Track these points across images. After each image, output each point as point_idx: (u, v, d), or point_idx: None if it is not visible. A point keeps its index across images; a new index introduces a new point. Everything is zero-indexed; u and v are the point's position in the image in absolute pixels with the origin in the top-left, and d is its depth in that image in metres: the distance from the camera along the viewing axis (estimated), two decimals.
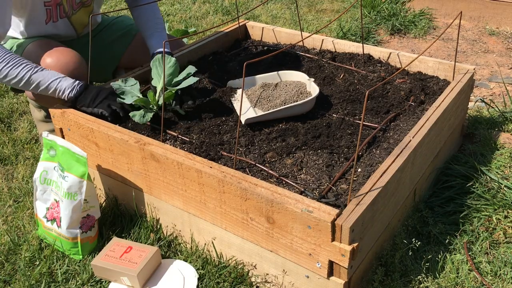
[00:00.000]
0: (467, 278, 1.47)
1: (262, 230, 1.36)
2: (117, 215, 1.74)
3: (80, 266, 1.57)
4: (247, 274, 1.49)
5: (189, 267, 1.52)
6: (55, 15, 1.81)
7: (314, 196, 1.36)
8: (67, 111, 1.70)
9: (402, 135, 1.61)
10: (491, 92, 2.64)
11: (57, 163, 1.58)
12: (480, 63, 2.97)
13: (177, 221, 1.60)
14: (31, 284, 1.50)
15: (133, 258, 1.48)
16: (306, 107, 1.73)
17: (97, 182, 1.78)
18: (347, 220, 1.20)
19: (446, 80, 1.96)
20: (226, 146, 1.59)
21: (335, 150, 1.56)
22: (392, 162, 1.41)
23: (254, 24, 2.44)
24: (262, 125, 1.69)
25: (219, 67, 2.12)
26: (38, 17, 1.79)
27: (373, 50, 2.13)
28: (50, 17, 1.80)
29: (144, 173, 1.57)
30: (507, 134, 2.12)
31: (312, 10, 3.97)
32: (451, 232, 1.65)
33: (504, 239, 1.62)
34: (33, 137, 2.30)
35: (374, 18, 3.55)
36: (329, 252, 1.24)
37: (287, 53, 2.20)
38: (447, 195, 1.79)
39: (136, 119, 1.64)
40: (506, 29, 3.37)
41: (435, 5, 3.63)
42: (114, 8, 4.08)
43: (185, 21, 3.77)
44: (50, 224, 1.62)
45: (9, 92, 2.70)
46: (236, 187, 1.34)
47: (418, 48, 3.18)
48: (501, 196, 1.72)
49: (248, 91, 1.87)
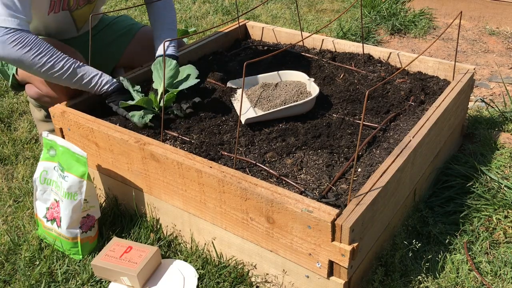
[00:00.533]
0: (467, 278, 1.47)
1: (262, 230, 1.35)
2: (117, 215, 1.74)
3: (80, 266, 1.57)
4: (247, 274, 1.49)
5: (189, 267, 1.52)
6: (58, 7, 1.83)
7: (314, 196, 1.36)
8: (67, 111, 1.70)
9: (402, 135, 1.61)
10: (491, 92, 2.64)
11: (57, 163, 1.58)
12: (480, 63, 2.97)
13: (177, 221, 1.60)
14: (31, 284, 1.50)
15: (133, 258, 1.48)
16: (306, 107, 1.73)
17: (97, 182, 1.78)
18: (347, 220, 1.20)
19: (446, 80, 1.96)
20: (226, 146, 1.59)
21: (335, 150, 1.56)
22: (392, 162, 1.41)
23: (254, 24, 2.44)
24: (262, 125, 1.69)
25: (219, 67, 2.12)
26: (41, 8, 1.79)
27: (373, 50, 2.13)
28: (52, 8, 1.82)
29: (144, 173, 1.57)
30: (507, 134, 2.12)
31: (312, 10, 3.97)
32: (451, 232, 1.65)
33: (504, 239, 1.62)
34: (33, 137, 2.30)
35: (374, 18, 3.55)
36: (329, 252, 1.24)
37: (287, 53, 2.20)
38: (447, 195, 1.79)
39: (135, 120, 1.64)
40: (506, 29, 3.37)
41: (435, 5, 3.63)
42: (114, 8, 4.07)
43: (185, 21, 3.77)
44: (50, 224, 1.62)
45: (9, 92, 2.70)
46: (236, 187, 1.34)
47: (418, 48, 3.18)
48: (501, 196, 1.72)
49: (248, 91, 1.87)
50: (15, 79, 1.97)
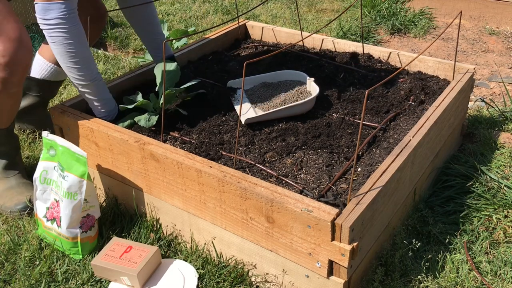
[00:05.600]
0: (467, 278, 1.47)
1: (262, 229, 1.36)
2: (117, 215, 1.74)
3: (80, 265, 1.57)
4: (247, 273, 1.49)
5: (189, 266, 1.52)
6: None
7: (314, 195, 1.36)
8: (67, 111, 1.70)
9: (402, 134, 1.61)
10: (491, 92, 2.64)
11: (57, 163, 1.58)
12: (480, 62, 2.97)
13: (177, 220, 1.60)
14: (31, 283, 1.50)
15: (133, 258, 1.48)
16: (306, 107, 1.73)
17: (97, 182, 1.78)
18: (347, 220, 1.20)
19: (446, 80, 1.96)
20: (226, 146, 1.59)
21: (335, 150, 1.56)
22: (392, 162, 1.41)
23: (254, 23, 2.44)
24: (262, 125, 1.69)
25: (219, 67, 2.12)
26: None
27: (373, 50, 2.13)
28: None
29: (144, 172, 1.57)
30: (507, 133, 2.12)
31: (312, 9, 3.97)
32: (451, 232, 1.65)
33: (504, 239, 1.62)
34: (34, 136, 2.30)
35: (374, 18, 3.55)
36: (329, 252, 1.24)
37: (287, 53, 2.20)
38: (447, 194, 1.79)
39: (142, 124, 1.66)
40: (506, 29, 3.36)
41: (435, 4, 3.63)
42: (114, 8, 4.07)
43: (185, 20, 3.77)
44: (50, 223, 1.62)
45: None
46: (236, 186, 1.34)
47: (418, 48, 3.18)
48: (501, 196, 1.72)
49: (248, 91, 1.87)
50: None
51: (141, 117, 1.68)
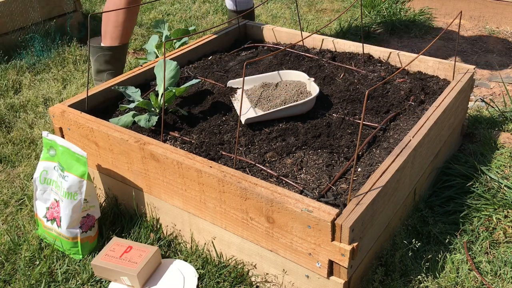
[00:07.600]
0: (467, 278, 1.47)
1: (262, 229, 1.36)
2: (117, 215, 1.74)
3: (80, 265, 1.57)
4: (247, 273, 1.49)
5: (189, 266, 1.52)
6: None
7: (314, 195, 1.36)
8: (67, 111, 1.70)
9: (402, 134, 1.61)
10: (491, 92, 2.64)
11: (57, 163, 1.58)
12: (480, 62, 2.97)
13: (177, 220, 1.60)
14: (31, 283, 1.50)
15: (133, 258, 1.48)
16: (306, 107, 1.73)
17: (97, 182, 1.78)
18: (347, 220, 1.20)
19: (446, 80, 1.96)
20: (226, 146, 1.59)
21: (335, 150, 1.56)
22: (392, 162, 1.41)
23: (254, 23, 2.44)
24: (262, 125, 1.69)
25: (219, 67, 2.12)
26: None
27: (373, 50, 2.13)
28: None
29: (144, 172, 1.57)
30: (507, 133, 2.12)
31: (312, 9, 3.97)
32: (451, 232, 1.65)
33: (504, 239, 1.62)
34: (33, 137, 2.30)
35: (374, 18, 3.55)
36: (329, 252, 1.24)
37: (287, 53, 2.20)
38: (447, 194, 1.79)
39: (142, 124, 1.65)
40: (506, 29, 3.36)
41: (435, 4, 3.63)
42: None
43: (185, 20, 3.77)
44: (50, 223, 1.62)
45: (9, 92, 2.70)
46: (236, 186, 1.34)
47: (418, 48, 3.18)
48: (501, 196, 1.72)
49: (248, 91, 1.87)
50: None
51: (141, 117, 1.68)
